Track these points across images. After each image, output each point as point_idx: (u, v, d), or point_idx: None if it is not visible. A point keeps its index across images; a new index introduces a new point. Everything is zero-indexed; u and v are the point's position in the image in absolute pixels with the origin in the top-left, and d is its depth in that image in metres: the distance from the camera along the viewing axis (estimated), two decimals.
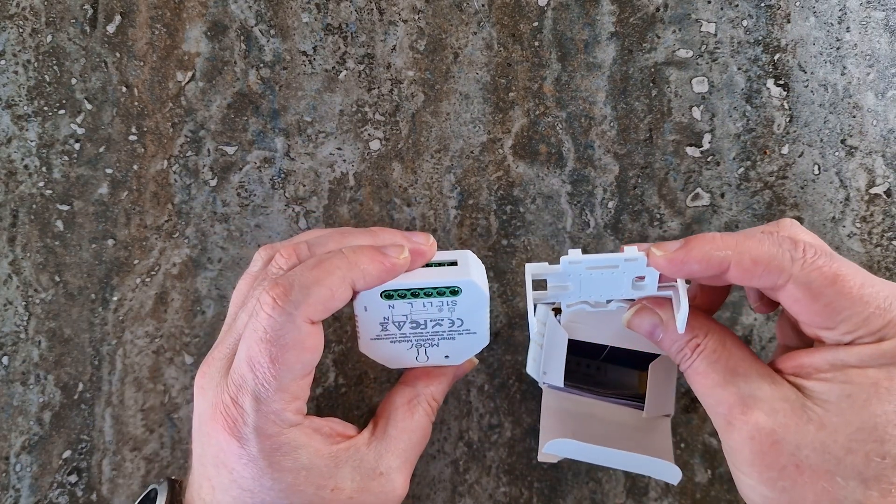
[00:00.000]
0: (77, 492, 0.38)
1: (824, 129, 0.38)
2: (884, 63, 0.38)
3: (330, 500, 0.26)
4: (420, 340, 0.30)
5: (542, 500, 0.37)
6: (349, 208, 0.39)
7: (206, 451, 0.27)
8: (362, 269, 0.26)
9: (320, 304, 0.26)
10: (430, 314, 0.28)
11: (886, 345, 0.24)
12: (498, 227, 0.38)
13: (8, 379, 0.39)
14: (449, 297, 0.28)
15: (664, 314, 0.28)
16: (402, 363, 0.31)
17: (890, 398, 0.23)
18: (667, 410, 0.34)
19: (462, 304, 0.28)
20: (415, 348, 0.30)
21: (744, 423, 0.24)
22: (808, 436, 0.24)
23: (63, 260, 0.39)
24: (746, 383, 0.25)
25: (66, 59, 0.40)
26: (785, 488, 0.24)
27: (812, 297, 0.24)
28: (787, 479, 0.24)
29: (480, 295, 0.28)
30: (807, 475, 0.23)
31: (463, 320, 0.29)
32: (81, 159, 0.40)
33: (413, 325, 0.29)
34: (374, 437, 0.28)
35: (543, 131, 0.39)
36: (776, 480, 0.24)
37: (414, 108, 0.39)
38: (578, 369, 0.38)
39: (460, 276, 0.28)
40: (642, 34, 0.39)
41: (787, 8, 0.38)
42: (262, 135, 0.39)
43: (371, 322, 0.29)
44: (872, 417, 0.23)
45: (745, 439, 0.24)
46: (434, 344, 0.30)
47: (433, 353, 0.30)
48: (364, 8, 0.39)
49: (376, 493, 0.27)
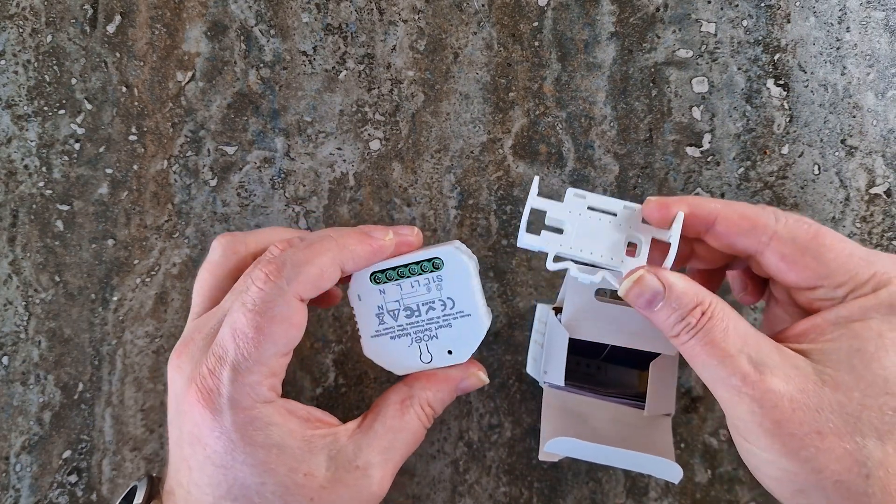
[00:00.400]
0: (77, 492, 0.38)
1: (824, 129, 0.38)
2: (884, 63, 0.38)
3: (302, 484, 0.26)
4: (418, 332, 0.30)
5: (542, 500, 0.37)
6: (349, 208, 0.39)
7: (182, 431, 0.27)
8: (351, 249, 0.27)
9: (310, 282, 0.26)
10: (420, 297, 0.29)
11: (883, 293, 0.23)
12: (498, 227, 0.38)
13: (8, 379, 0.39)
14: (433, 272, 0.29)
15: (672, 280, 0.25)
16: (407, 365, 0.30)
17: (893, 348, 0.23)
18: (668, 409, 0.34)
19: (448, 279, 0.28)
20: (415, 344, 0.30)
21: (761, 391, 0.23)
22: (825, 398, 0.23)
23: (63, 260, 0.39)
24: (756, 352, 0.24)
25: (66, 59, 0.40)
26: (808, 457, 0.23)
27: (799, 251, 0.24)
28: (810, 446, 0.23)
29: (462, 265, 0.28)
30: (829, 440, 0.23)
31: (454, 300, 0.29)
32: (81, 159, 0.40)
33: (407, 312, 0.29)
34: (359, 430, 0.28)
35: (543, 131, 0.39)
36: (798, 450, 0.23)
37: (414, 108, 0.39)
38: (578, 369, 0.38)
39: (440, 248, 0.28)
40: (642, 34, 0.39)
41: (787, 8, 0.38)
42: (262, 135, 0.39)
43: (367, 314, 0.29)
44: (883, 370, 0.23)
45: (761, 409, 0.23)
46: (433, 336, 0.30)
47: (436, 349, 0.30)
48: (364, 8, 0.39)
49: (350, 486, 0.27)
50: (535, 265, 0.38)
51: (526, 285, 0.38)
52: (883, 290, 0.23)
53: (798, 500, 0.24)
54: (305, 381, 0.38)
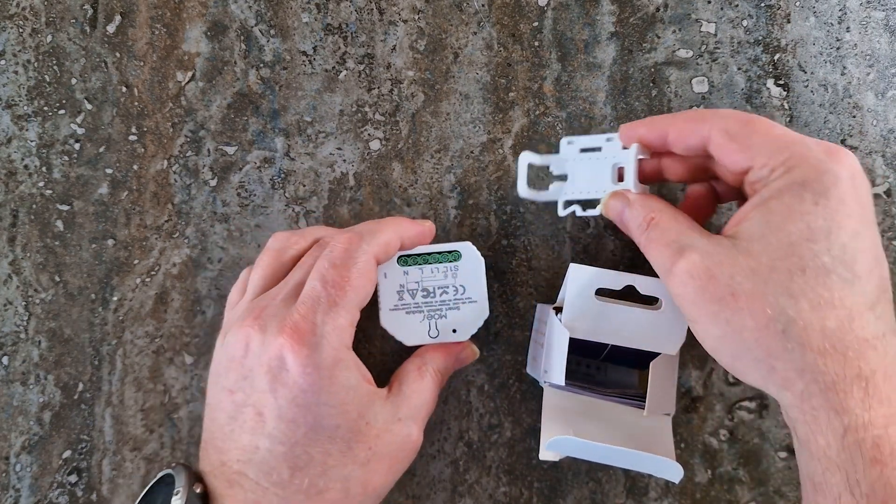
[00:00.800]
0: (77, 492, 0.38)
1: (824, 129, 0.38)
2: (884, 63, 0.38)
3: (364, 431, 0.29)
4: (431, 310, 0.34)
5: (542, 500, 0.37)
6: (349, 208, 0.39)
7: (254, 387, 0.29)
8: (406, 228, 0.33)
9: (383, 247, 0.31)
10: (437, 281, 0.34)
11: (796, 171, 0.26)
12: (498, 227, 0.38)
13: (8, 379, 0.39)
14: (451, 262, 0.34)
15: (632, 197, 0.31)
16: (417, 338, 0.34)
17: (802, 217, 0.25)
18: (668, 409, 0.34)
19: (462, 269, 0.34)
20: (426, 320, 0.34)
21: (682, 265, 0.27)
22: (738, 265, 0.26)
23: (63, 260, 0.39)
24: (686, 240, 0.28)
25: (66, 59, 0.40)
26: (728, 319, 0.26)
27: (729, 137, 0.27)
28: (727, 309, 0.26)
29: (476, 258, 0.34)
30: (742, 301, 0.25)
31: (465, 287, 0.34)
32: (81, 159, 0.40)
33: (424, 293, 0.34)
34: (391, 393, 0.32)
35: (543, 131, 0.39)
36: (718, 313, 0.26)
37: (414, 108, 0.39)
38: (579, 369, 0.38)
39: (459, 244, 0.34)
40: (642, 34, 0.39)
41: (787, 8, 0.38)
42: (262, 135, 0.39)
43: (389, 291, 0.34)
44: (788, 236, 0.25)
45: (685, 280, 0.27)
46: (443, 315, 0.34)
47: (443, 327, 0.34)
48: (364, 8, 0.39)
49: (398, 435, 0.30)
50: (534, 265, 0.38)
51: (526, 285, 0.38)
52: (796, 169, 0.26)
53: (736, 367, 0.27)
54: None
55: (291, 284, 0.31)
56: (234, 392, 0.29)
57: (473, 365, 0.37)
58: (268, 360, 0.28)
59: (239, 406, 0.29)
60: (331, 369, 0.28)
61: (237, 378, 0.29)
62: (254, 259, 0.35)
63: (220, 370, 0.31)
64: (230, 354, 0.30)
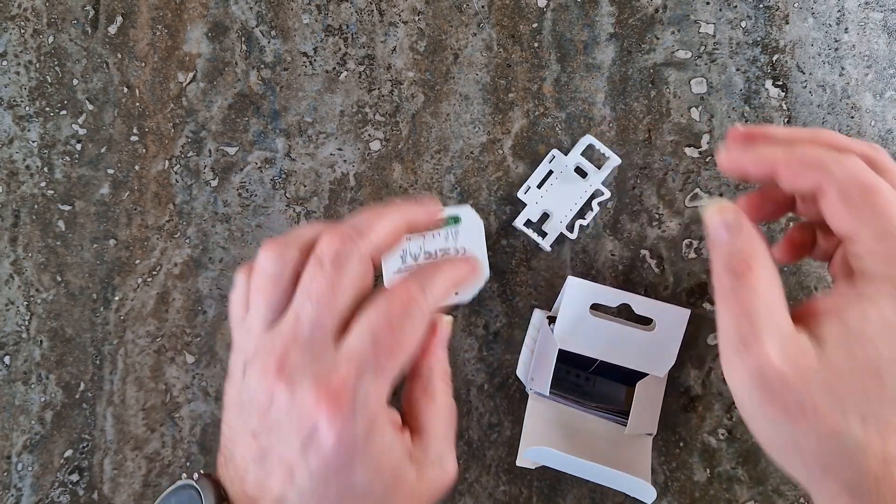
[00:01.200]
0: (78, 491, 0.38)
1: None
2: (882, 64, 0.38)
3: (400, 483, 0.27)
4: None
5: (542, 499, 0.37)
6: (350, 209, 0.39)
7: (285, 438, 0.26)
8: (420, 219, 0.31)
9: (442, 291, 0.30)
10: (438, 244, 0.34)
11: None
12: (497, 228, 0.38)
13: (10, 378, 0.39)
14: (452, 225, 0.34)
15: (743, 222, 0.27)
16: None
17: (892, 334, 0.23)
18: (649, 429, 0.34)
19: (462, 232, 0.34)
20: None
21: (754, 360, 0.24)
22: (814, 377, 0.24)
23: (65, 260, 0.39)
24: (768, 321, 0.25)
25: (68, 60, 0.40)
26: (789, 430, 0.24)
27: (845, 201, 0.25)
28: (791, 420, 0.24)
29: (476, 222, 0.34)
30: (809, 415, 0.23)
31: (466, 250, 0.34)
32: (83, 160, 0.40)
33: (426, 255, 0.34)
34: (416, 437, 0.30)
35: (543, 132, 0.39)
36: (779, 420, 0.24)
37: (414, 108, 0.39)
38: (567, 377, 0.38)
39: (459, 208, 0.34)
40: (641, 35, 0.39)
41: (786, 9, 0.39)
42: (262, 135, 0.39)
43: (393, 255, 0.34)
44: (877, 356, 0.23)
45: (753, 375, 0.24)
46: None
47: None
48: (364, 9, 0.40)
49: (434, 480, 0.28)
50: (534, 265, 0.38)
51: (525, 285, 0.38)
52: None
53: (781, 460, 0.25)
54: None
55: (306, 322, 0.28)
56: (258, 437, 0.27)
57: (473, 364, 0.38)
58: (298, 422, 0.26)
59: (265, 451, 0.27)
60: (367, 435, 0.26)
61: (261, 425, 0.27)
62: (252, 258, 0.35)
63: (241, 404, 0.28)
64: (253, 398, 0.27)
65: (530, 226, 0.38)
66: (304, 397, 0.26)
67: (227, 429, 0.29)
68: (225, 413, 0.29)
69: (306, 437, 0.26)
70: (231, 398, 0.29)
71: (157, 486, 0.38)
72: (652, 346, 0.32)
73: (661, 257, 0.38)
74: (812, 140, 0.27)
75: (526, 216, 0.37)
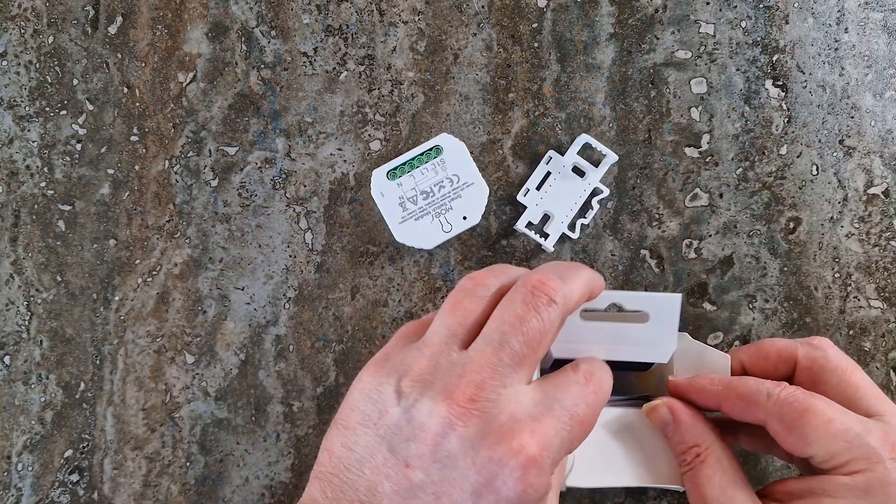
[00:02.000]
0: (78, 491, 0.38)
1: (822, 130, 0.38)
2: (882, 64, 0.38)
3: None
4: (435, 209, 0.36)
5: None
6: (349, 209, 0.39)
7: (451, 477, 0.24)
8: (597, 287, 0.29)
9: None
10: (430, 179, 0.35)
11: (859, 478, 0.25)
12: (498, 227, 0.38)
13: (10, 378, 0.39)
14: (436, 158, 0.35)
15: (683, 417, 0.30)
16: (434, 239, 0.36)
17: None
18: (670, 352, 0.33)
19: (448, 160, 0.35)
20: (436, 219, 0.36)
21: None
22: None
23: (65, 260, 0.39)
24: (728, 500, 0.27)
25: (68, 60, 0.40)
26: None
27: (786, 428, 0.27)
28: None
29: (458, 145, 0.35)
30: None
31: (458, 175, 0.36)
32: (83, 160, 0.40)
33: (423, 195, 0.36)
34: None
35: (543, 132, 0.39)
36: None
37: (414, 108, 0.39)
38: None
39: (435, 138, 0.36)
40: (641, 35, 0.39)
41: (786, 9, 0.39)
42: (262, 135, 0.39)
43: (392, 206, 0.36)
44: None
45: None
46: (449, 208, 0.36)
47: (453, 218, 0.36)
48: (364, 9, 0.40)
49: None
50: (534, 265, 0.38)
51: None
52: (860, 475, 0.26)
53: None
54: (306, 381, 0.38)
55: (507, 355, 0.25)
56: (413, 468, 0.24)
57: None
58: (482, 465, 0.24)
59: (415, 487, 0.24)
60: (541, 499, 0.24)
61: (424, 457, 0.24)
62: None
63: (389, 426, 0.25)
64: (417, 423, 0.24)
65: (532, 228, 0.38)
66: (492, 443, 0.24)
67: (343, 451, 0.25)
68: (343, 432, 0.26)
69: (483, 483, 0.24)
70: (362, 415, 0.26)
71: (157, 486, 0.38)
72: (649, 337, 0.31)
73: (661, 257, 0.38)
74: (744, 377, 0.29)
75: (527, 218, 0.37)
